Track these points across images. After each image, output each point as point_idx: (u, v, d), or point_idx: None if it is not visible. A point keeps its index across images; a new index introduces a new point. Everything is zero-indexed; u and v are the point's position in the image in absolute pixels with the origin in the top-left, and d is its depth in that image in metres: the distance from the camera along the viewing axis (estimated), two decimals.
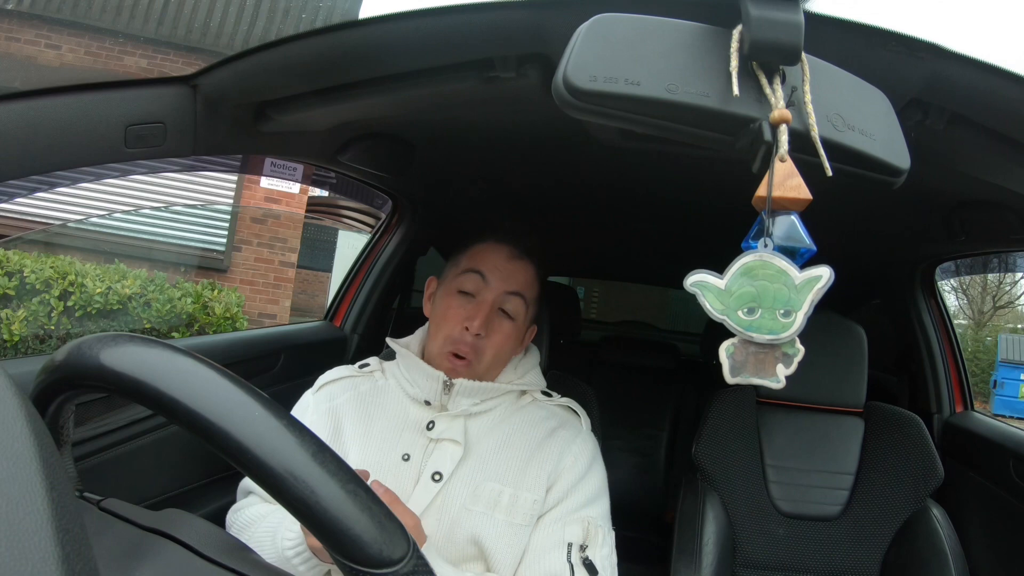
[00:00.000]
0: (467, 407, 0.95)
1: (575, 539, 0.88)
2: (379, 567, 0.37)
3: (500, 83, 0.76)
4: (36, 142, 0.72)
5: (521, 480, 0.90)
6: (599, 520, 0.91)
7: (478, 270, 0.96)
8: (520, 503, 0.89)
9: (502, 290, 0.96)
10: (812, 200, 0.51)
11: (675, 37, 0.53)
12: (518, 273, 0.98)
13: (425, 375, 0.96)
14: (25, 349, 3.77)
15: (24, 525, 0.26)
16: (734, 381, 0.54)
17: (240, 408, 0.40)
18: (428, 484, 0.89)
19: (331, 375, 1.04)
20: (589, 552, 0.87)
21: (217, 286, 4.59)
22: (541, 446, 0.93)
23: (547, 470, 0.91)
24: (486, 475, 0.90)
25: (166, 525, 0.45)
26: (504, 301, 0.96)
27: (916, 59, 0.62)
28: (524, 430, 0.95)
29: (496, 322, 0.96)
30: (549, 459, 0.92)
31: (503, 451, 0.93)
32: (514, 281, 0.97)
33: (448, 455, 0.91)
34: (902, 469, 1.33)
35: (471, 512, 0.88)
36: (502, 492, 0.89)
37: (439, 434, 0.93)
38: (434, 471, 0.90)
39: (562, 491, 0.91)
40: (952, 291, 11.60)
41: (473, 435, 0.94)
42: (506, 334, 0.96)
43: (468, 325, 0.93)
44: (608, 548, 0.90)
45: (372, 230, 1.75)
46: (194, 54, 4.59)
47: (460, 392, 0.95)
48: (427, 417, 0.94)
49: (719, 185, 1.11)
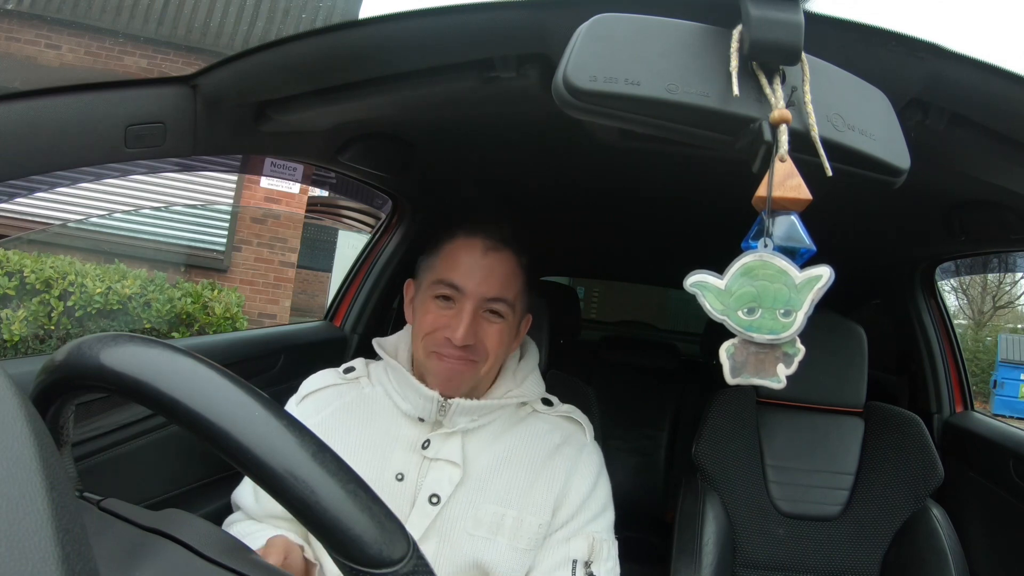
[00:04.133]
0: (464, 424, 0.90)
1: (580, 556, 0.85)
2: (379, 567, 0.37)
3: (500, 83, 0.75)
4: (36, 142, 0.72)
5: (526, 503, 0.86)
6: (604, 534, 0.89)
7: (450, 282, 0.88)
8: (525, 527, 0.85)
9: (480, 296, 0.88)
10: (812, 200, 0.51)
11: (675, 37, 0.53)
12: (495, 268, 0.89)
13: (418, 393, 0.89)
14: (25, 349, 3.77)
15: (24, 525, 0.26)
16: (735, 382, 0.54)
17: (240, 408, 0.40)
18: (425, 507, 0.85)
19: (314, 383, 0.97)
20: (594, 568, 0.85)
21: (217, 286, 4.59)
22: (545, 465, 0.89)
23: (554, 492, 0.88)
24: (486, 497, 0.86)
25: (166, 525, 0.45)
26: (485, 307, 0.89)
27: (916, 59, 0.62)
28: (525, 446, 0.91)
29: (483, 324, 0.89)
30: (556, 480, 0.88)
31: (504, 470, 0.88)
32: (491, 285, 0.89)
33: (446, 476, 0.86)
34: (902, 469, 1.33)
35: (473, 537, 0.84)
36: (505, 515, 0.85)
37: (435, 453, 0.88)
38: (431, 493, 0.85)
39: (569, 512, 0.88)
40: (952, 291, 11.60)
41: (471, 453, 0.89)
42: (498, 332, 0.90)
43: (450, 336, 0.87)
44: (612, 561, 0.88)
45: (372, 230, 1.75)
46: (194, 54, 4.59)
47: (457, 412, 0.89)
48: (421, 436, 0.89)
49: (719, 185, 1.11)
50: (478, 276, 0.89)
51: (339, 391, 0.96)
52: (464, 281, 0.88)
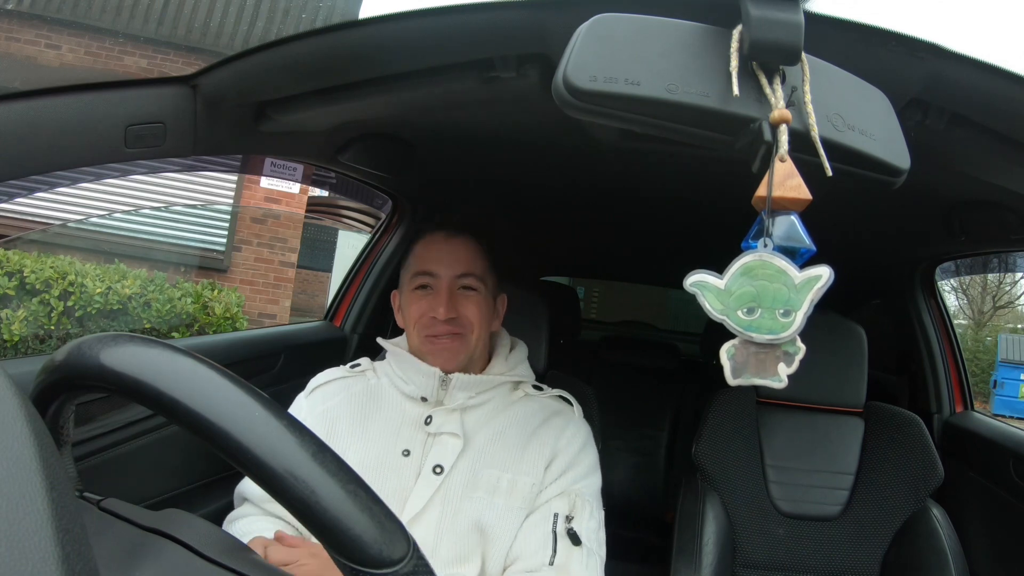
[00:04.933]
0: (463, 401, 0.97)
1: (561, 510, 0.90)
2: (379, 567, 0.37)
3: (500, 83, 0.76)
4: (36, 142, 0.72)
5: (519, 465, 0.93)
6: (587, 495, 0.94)
7: (425, 271, 1.00)
8: (519, 487, 0.92)
9: (451, 276, 0.99)
10: (812, 200, 0.51)
11: (675, 37, 0.53)
12: (458, 251, 1.01)
13: (420, 372, 0.98)
14: (25, 349, 3.77)
15: (24, 525, 0.26)
16: (736, 383, 0.54)
17: (240, 408, 0.40)
18: (430, 477, 0.91)
19: (323, 377, 1.05)
20: (575, 524, 0.89)
21: (217, 286, 4.59)
22: (536, 433, 0.97)
23: (545, 454, 0.94)
24: (484, 463, 0.93)
25: (166, 525, 0.45)
26: (458, 283, 0.99)
27: (916, 59, 0.62)
28: (519, 421, 0.98)
29: (461, 299, 0.99)
30: (546, 443, 0.95)
31: (500, 440, 0.95)
32: (459, 263, 1.00)
33: (448, 448, 0.93)
34: (902, 469, 1.33)
35: (472, 499, 0.90)
36: (500, 478, 0.92)
37: (437, 428, 0.95)
38: (435, 464, 0.92)
39: (557, 471, 0.94)
40: (952, 291, 11.60)
41: (470, 427, 0.96)
42: (476, 303, 0.99)
43: (434, 314, 0.97)
44: (595, 523, 0.92)
45: (372, 230, 1.75)
46: (194, 54, 4.59)
47: (456, 386, 0.97)
48: (424, 413, 0.97)
49: (719, 185, 1.11)
50: (446, 259, 1.00)
51: (346, 383, 1.03)
52: (435, 266, 1.00)
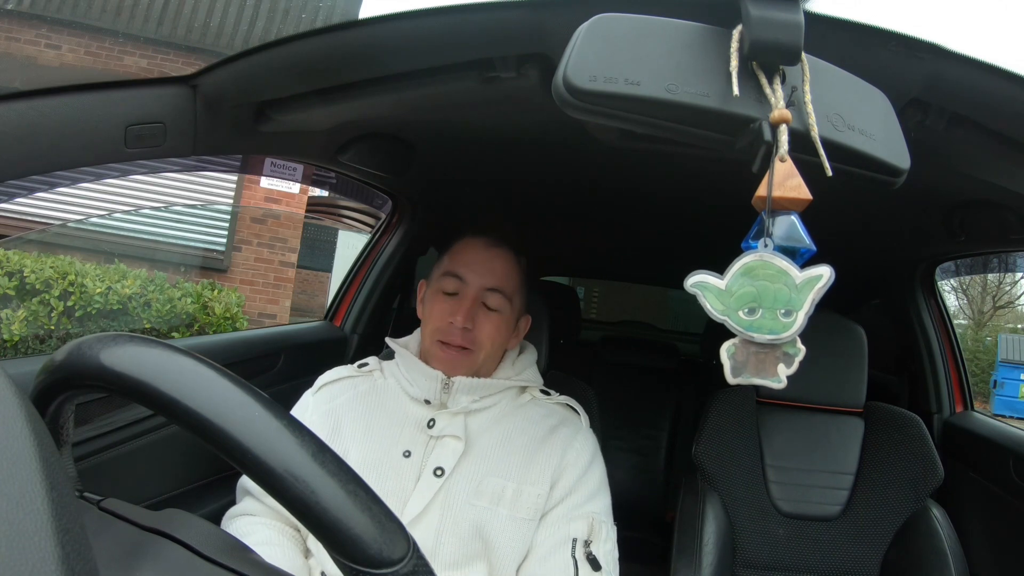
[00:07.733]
0: (466, 404, 0.96)
1: (579, 535, 0.89)
2: (379, 567, 0.37)
3: (500, 83, 0.76)
4: (36, 142, 0.72)
5: (525, 475, 0.91)
6: (602, 515, 0.92)
7: (455, 273, 0.99)
8: (524, 498, 0.90)
9: (480, 286, 0.98)
10: (812, 200, 0.51)
11: (675, 37, 0.53)
12: (495, 262, 1.00)
13: (424, 375, 0.97)
14: (25, 349, 3.77)
15: (24, 525, 0.26)
16: (735, 382, 0.54)
17: (240, 408, 0.40)
18: (430, 479, 0.90)
19: (330, 376, 1.05)
20: (593, 548, 0.88)
21: (217, 286, 4.59)
22: (543, 443, 0.95)
23: (551, 466, 0.93)
24: (488, 470, 0.91)
25: (166, 525, 0.45)
26: (485, 297, 0.98)
27: (916, 59, 0.62)
28: (525, 427, 0.96)
29: (482, 315, 0.98)
30: (553, 455, 0.93)
31: (504, 447, 0.94)
32: (492, 275, 0.99)
33: (450, 450, 0.92)
34: (902, 469, 1.33)
35: (474, 507, 0.89)
36: (505, 487, 0.90)
37: (440, 431, 0.94)
38: (436, 466, 0.91)
39: (566, 488, 0.92)
40: (952, 291, 11.60)
41: (473, 431, 0.95)
42: (495, 324, 0.98)
43: (452, 320, 0.96)
44: (611, 543, 0.91)
45: (372, 230, 1.75)
46: (194, 54, 4.59)
47: (459, 390, 0.96)
48: (427, 415, 0.96)
49: (719, 185, 1.11)
50: (480, 268, 0.99)
51: (353, 382, 1.03)
52: (467, 272, 0.99)
